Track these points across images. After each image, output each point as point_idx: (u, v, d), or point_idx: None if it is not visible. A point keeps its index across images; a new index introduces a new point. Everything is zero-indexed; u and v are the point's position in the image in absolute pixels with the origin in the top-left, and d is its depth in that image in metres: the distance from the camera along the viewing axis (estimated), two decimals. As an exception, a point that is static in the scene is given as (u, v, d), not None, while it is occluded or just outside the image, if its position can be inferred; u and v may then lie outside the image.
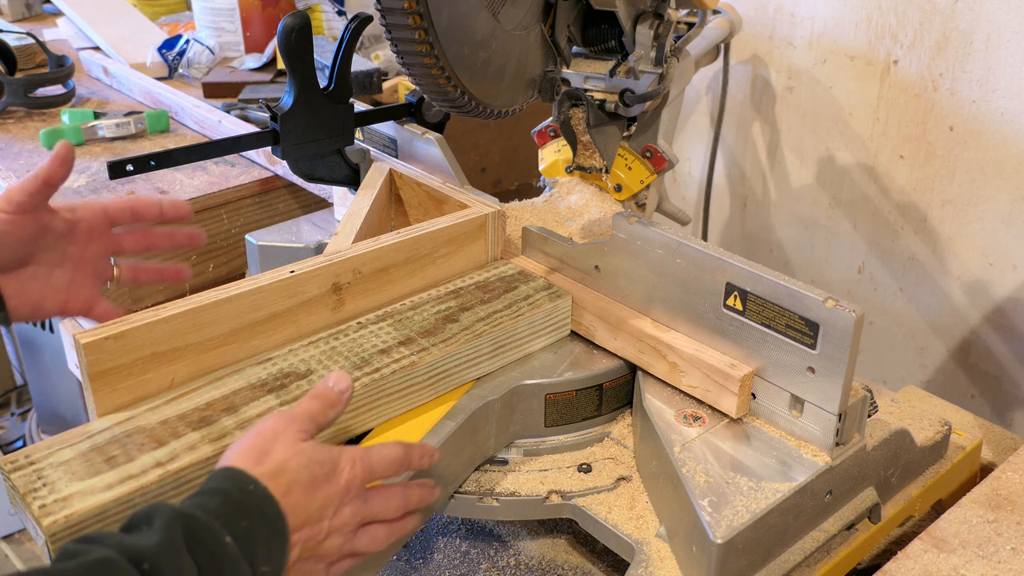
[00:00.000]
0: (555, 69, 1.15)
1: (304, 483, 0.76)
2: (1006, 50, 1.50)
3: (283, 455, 0.76)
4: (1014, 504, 0.98)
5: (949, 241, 1.68)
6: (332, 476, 0.78)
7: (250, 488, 0.72)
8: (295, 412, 0.81)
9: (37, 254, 1.00)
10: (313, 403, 0.82)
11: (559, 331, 1.11)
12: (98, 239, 1.04)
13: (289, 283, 1.00)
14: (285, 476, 0.75)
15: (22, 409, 2.78)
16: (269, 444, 0.77)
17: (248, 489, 0.72)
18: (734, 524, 0.84)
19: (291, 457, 0.76)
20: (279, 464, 0.75)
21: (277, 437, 0.77)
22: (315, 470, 0.77)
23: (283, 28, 1.15)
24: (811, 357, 0.90)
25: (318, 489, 0.77)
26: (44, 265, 1.00)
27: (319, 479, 0.77)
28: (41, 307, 1.00)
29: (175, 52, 2.24)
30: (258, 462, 0.75)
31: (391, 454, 0.83)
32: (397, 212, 1.33)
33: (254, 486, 0.73)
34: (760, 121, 1.96)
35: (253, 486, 0.73)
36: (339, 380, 0.85)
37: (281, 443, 0.77)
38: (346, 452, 0.80)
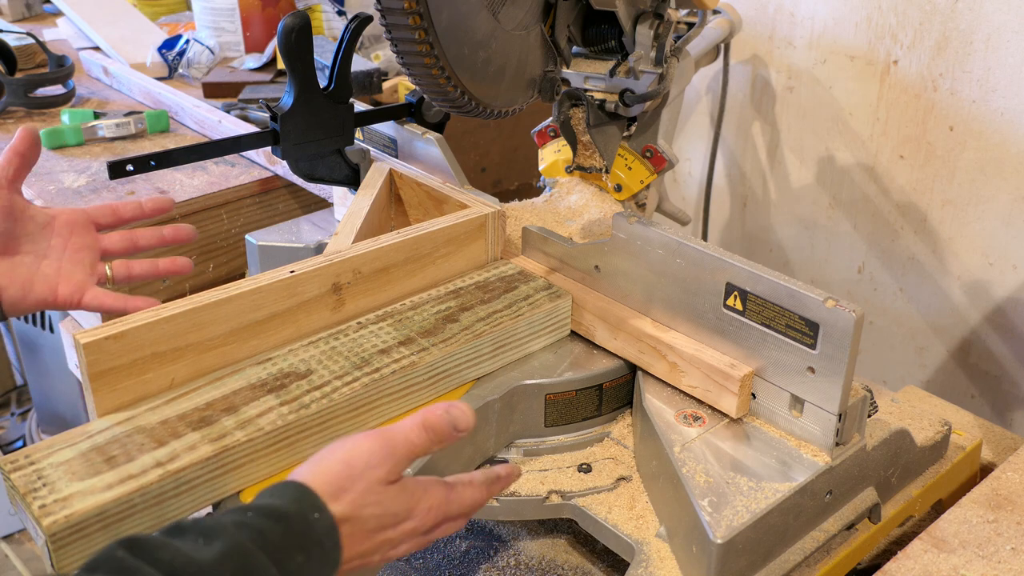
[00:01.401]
0: (555, 69, 1.15)
1: (369, 530, 0.74)
2: (1006, 50, 1.50)
3: (362, 500, 0.73)
4: (1014, 504, 0.98)
5: (949, 241, 1.68)
6: (401, 523, 0.76)
7: (315, 517, 0.70)
8: (396, 442, 0.76)
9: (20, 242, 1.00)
10: (422, 435, 0.77)
11: (559, 331, 1.11)
12: (80, 233, 1.05)
13: (289, 283, 1.00)
14: (353, 523, 0.73)
15: (22, 409, 2.78)
16: (354, 482, 0.73)
17: (313, 518, 0.70)
18: (734, 524, 0.84)
19: (369, 504, 0.73)
20: (353, 509, 0.73)
21: (364, 475, 0.74)
22: (386, 520, 0.75)
23: (283, 28, 1.15)
24: (811, 357, 0.90)
25: (381, 534, 0.75)
26: (31, 255, 1.01)
27: (386, 526, 0.75)
28: (30, 292, 1.00)
29: (175, 52, 2.24)
30: (335, 497, 0.72)
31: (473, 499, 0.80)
32: (397, 212, 1.33)
33: (320, 515, 0.71)
34: (760, 121, 1.96)
35: (319, 514, 0.71)
36: (464, 418, 0.78)
37: (365, 484, 0.73)
38: (426, 499, 0.77)
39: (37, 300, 1.01)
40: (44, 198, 1.61)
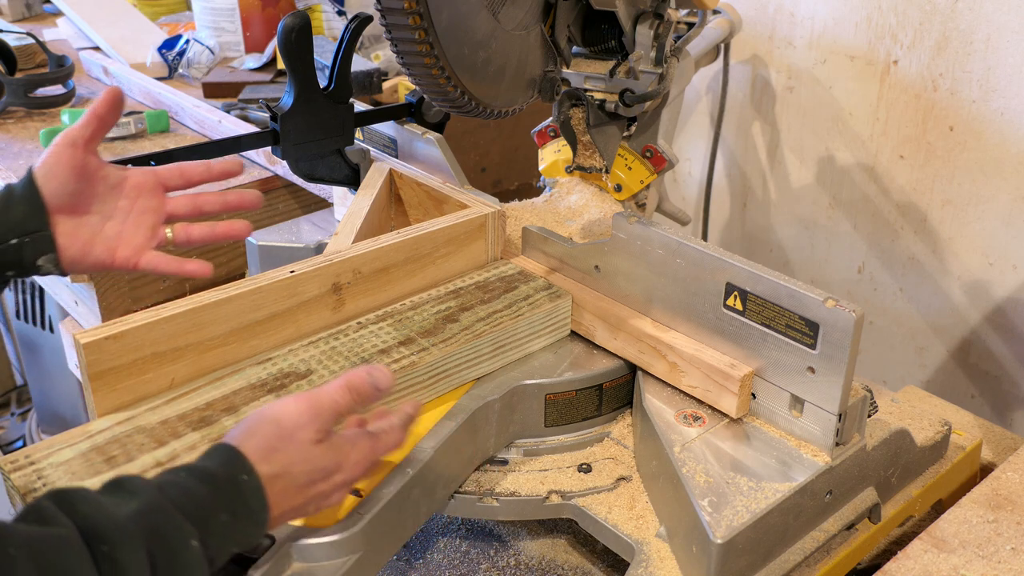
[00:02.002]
0: (555, 69, 1.15)
1: (300, 485, 0.77)
2: (1006, 50, 1.50)
3: (291, 459, 0.76)
4: (1014, 504, 0.98)
5: (949, 241, 1.68)
6: (331, 476, 0.80)
7: (244, 479, 0.73)
8: (322, 403, 0.80)
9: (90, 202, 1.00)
10: (345, 397, 0.81)
11: (559, 331, 1.11)
12: (148, 195, 1.04)
13: (289, 283, 1.00)
14: (284, 480, 0.76)
15: (22, 409, 2.78)
16: (283, 442, 0.77)
17: (241, 479, 0.73)
18: (734, 524, 0.84)
19: (298, 463, 0.77)
20: (283, 467, 0.76)
21: (293, 436, 0.77)
22: (316, 476, 0.78)
23: (283, 28, 1.15)
24: (811, 357, 0.90)
25: (312, 488, 0.79)
26: (96, 215, 1.00)
27: (317, 481, 0.79)
28: (90, 253, 1.00)
29: (175, 52, 2.24)
30: (265, 458, 0.75)
31: (396, 442, 0.85)
32: (397, 212, 1.33)
33: (248, 477, 0.74)
34: (760, 121, 1.96)
35: (247, 476, 0.73)
36: (381, 377, 0.83)
37: (294, 444, 0.77)
38: (354, 452, 0.81)
39: (95, 261, 1.00)
40: (44, 198, 1.61)
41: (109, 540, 0.65)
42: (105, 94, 0.99)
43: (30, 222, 0.95)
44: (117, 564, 0.64)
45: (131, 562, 0.65)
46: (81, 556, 0.63)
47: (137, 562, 0.65)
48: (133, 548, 0.65)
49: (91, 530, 0.65)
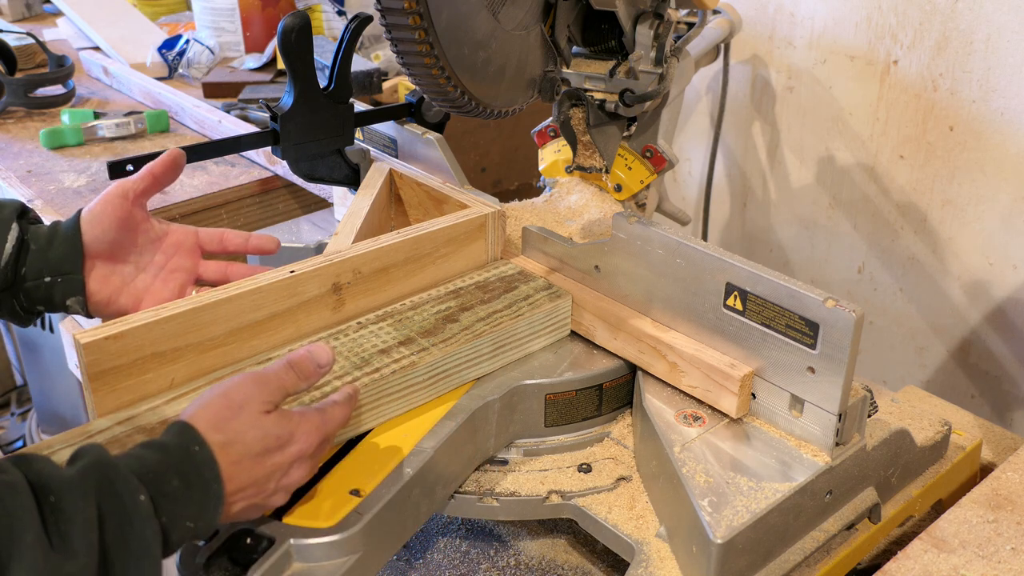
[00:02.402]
0: (555, 69, 1.15)
1: (255, 454, 0.79)
2: (1006, 50, 1.50)
3: (242, 427, 0.79)
4: (1014, 504, 0.98)
5: (949, 241, 1.68)
6: (286, 446, 0.81)
7: (195, 449, 0.75)
8: (268, 378, 0.83)
9: (128, 252, 1.05)
10: (289, 374, 0.84)
11: (559, 331, 1.11)
12: (184, 255, 1.09)
13: (289, 283, 1.00)
14: (237, 447, 0.78)
15: (22, 409, 2.78)
16: (233, 413, 0.79)
17: (193, 450, 0.75)
18: (734, 524, 0.84)
19: (249, 430, 0.79)
20: (235, 435, 0.78)
21: (243, 407, 0.80)
22: (270, 443, 0.80)
23: (283, 28, 1.15)
24: (811, 357, 0.90)
25: (269, 458, 0.80)
26: (131, 265, 1.05)
27: (272, 450, 0.80)
28: (116, 301, 1.04)
29: (175, 52, 2.24)
30: (217, 428, 0.77)
31: (343, 416, 0.89)
32: (397, 212, 1.33)
33: (200, 448, 0.75)
34: (760, 121, 1.96)
35: (199, 447, 0.75)
36: (321, 354, 0.86)
37: (245, 414, 0.79)
38: (304, 422, 0.83)
39: (119, 309, 1.04)
40: (44, 198, 1.61)
41: (56, 491, 0.66)
42: (167, 155, 1.05)
43: (66, 264, 1.01)
44: (63, 514, 0.66)
45: (77, 511, 0.66)
46: (24, 501, 0.65)
47: (83, 512, 0.67)
48: (80, 498, 0.67)
49: (40, 483, 0.67)
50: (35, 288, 1.01)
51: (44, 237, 1.02)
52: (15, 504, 0.64)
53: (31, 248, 1.01)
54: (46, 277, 1.01)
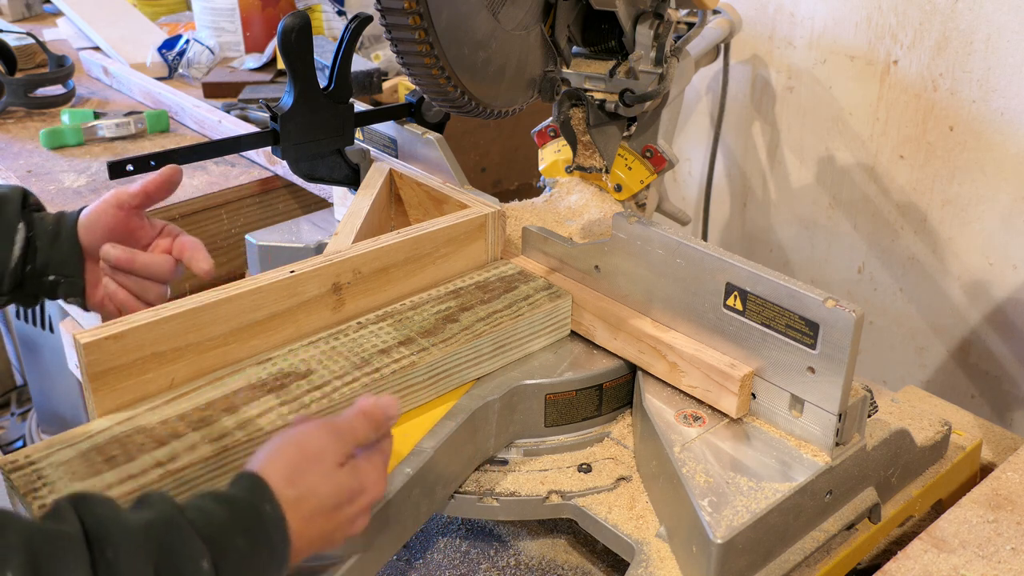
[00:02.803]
0: (555, 69, 1.15)
1: (328, 509, 0.76)
2: (1006, 50, 1.50)
3: (316, 482, 0.76)
4: (1014, 504, 0.98)
5: (949, 241, 1.68)
6: (357, 498, 0.79)
7: (266, 508, 0.72)
8: (342, 429, 0.80)
9: None
10: (362, 424, 0.81)
11: (559, 331, 1.11)
12: None
13: (289, 283, 1.00)
14: (311, 502, 0.75)
15: (22, 409, 2.78)
16: (308, 465, 0.76)
17: (263, 509, 0.72)
18: (734, 524, 0.84)
19: (323, 484, 0.76)
20: (309, 490, 0.75)
21: (318, 460, 0.77)
22: (343, 497, 0.77)
23: (283, 28, 1.14)
24: (811, 357, 0.90)
25: (340, 512, 0.77)
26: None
27: (343, 504, 0.78)
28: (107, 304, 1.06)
29: (175, 52, 2.24)
30: (291, 482, 0.75)
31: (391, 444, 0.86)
32: (397, 212, 1.33)
33: (271, 507, 0.72)
34: (760, 121, 1.96)
35: (270, 507, 0.72)
36: (390, 406, 0.83)
37: (319, 467, 0.76)
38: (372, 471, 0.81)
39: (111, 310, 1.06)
40: (44, 198, 1.61)
41: (114, 544, 0.64)
42: (162, 172, 1.06)
43: (68, 266, 1.04)
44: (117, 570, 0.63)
45: (131, 570, 0.64)
46: (77, 555, 0.62)
47: (138, 572, 0.64)
48: (137, 557, 0.64)
49: (98, 533, 0.64)
50: (39, 284, 1.04)
51: (49, 233, 1.03)
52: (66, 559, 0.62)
53: (37, 246, 1.02)
54: (50, 275, 1.03)
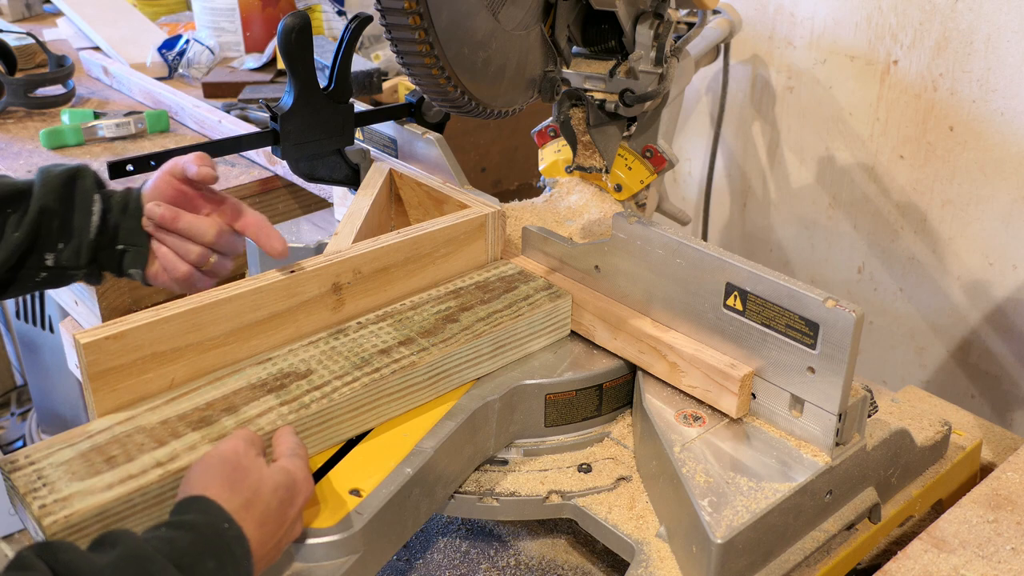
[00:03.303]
0: (555, 69, 1.15)
1: (274, 511, 0.78)
2: (1006, 50, 1.50)
3: (255, 483, 0.78)
4: (1014, 504, 0.98)
5: (949, 241, 1.68)
6: (294, 498, 0.81)
7: (224, 527, 0.73)
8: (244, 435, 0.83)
9: None
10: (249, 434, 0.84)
11: (559, 331, 1.11)
12: None
13: (289, 283, 1.00)
14: (258, 506, 0.77)
15: (22, 409, 2.78)
16: (241, 473, 0.78)
17: (222, 528, 0.73)
18: (734, 524, 0.84)
19: (262, 484, 0.78)
20: (253, 492, 0.77)
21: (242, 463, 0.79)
22: (281, 494, 0.80)
23: (283, 28, 1.14)
24: (811, 357, 0.90)
25: (285, 514, 0.80)
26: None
27: (285, 503, 0.80)
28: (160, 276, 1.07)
29: (175, 52, 2.24)
30: (234, 490, 0.76)
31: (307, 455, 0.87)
32: (397, 212, 1.33)
33: (229, 525, 0.74)
34: (760, 121, 1.96)
35: (228, 525, 0.74)
36: None
37: (252, 472, 0.79)
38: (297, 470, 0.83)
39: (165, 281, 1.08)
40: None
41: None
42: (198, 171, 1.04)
43: (136, 235, 1.05)
44: None
45: None
46: None
47: None
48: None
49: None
50: (109, 256, 1.06)
51: (119, 204, 1.05)
52: None
53: (108, 217, 1.05)
54: (119, 245, 1.05)
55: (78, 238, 1.03)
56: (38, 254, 1.03)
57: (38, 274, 1.04)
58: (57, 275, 1.04)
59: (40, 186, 1.03)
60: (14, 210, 1.02)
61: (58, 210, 1.03)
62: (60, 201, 1.03)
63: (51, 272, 1.04)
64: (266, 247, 1.04)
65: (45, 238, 1.02)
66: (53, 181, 1.03)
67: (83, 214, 1.03)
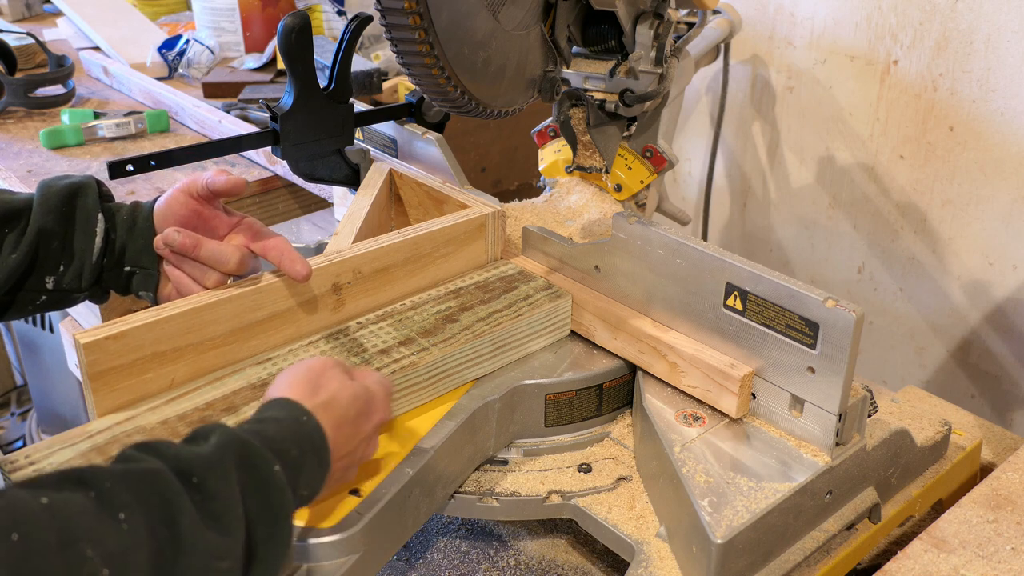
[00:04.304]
0: (555, 69, 1.15)
1: (351, 419, 0.82)
2: (1006, 50, 1.50)
3: (334, 388, 0.82)
4: (1014, 504, 0.98)
5: (949, 241, 1.68)
6: (371, 413, 0.85)
7: (304, 419, 0.77)
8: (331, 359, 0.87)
9: None
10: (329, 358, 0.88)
11: (559, 331, 1.10)
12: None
13: (289, 283, 1.00)
14: (335, 410, 0.81)
15: (22, 409, 2.78)
16: (320, 378, 0.83)
17: (302, 420, 0.77)
18: (734, 524, 0.84)
19: (340, 390, 0.82)
20: (331, 396, 0.81)
21: (325, 372, 0.84)
22: (360, 406, 0.84)
23: (283, 28, 1.14)
24: (811, 357, 0.90)
25: (361, 425, 0.84)
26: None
27: (362, 415, 0.84)
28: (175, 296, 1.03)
29: (175, 52, 2.24)
30: (312, 393, 0.81)
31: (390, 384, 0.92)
32: (397, 212, 1.33)
33: (307, 418, 0.78)
34: (760, 121, 1.96)
35: (307, 417, 0.78)
36: None
37: (331, 377, 0.83)
38: (378, 391, 0.87)
39: None
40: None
41: (198, 472, 0.67)
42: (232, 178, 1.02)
43: (143, 258, 1.02)
44: (209, 493, 0.66)
45: (221, 489, 0.67)
46: (173, 485, 0.65)
47: (228, 488, 0.67)
48: (222, 476, 0.68)
49: (178, 466, 0.67)
50: (115, 277, 1.03)
51: (126, 223, 1.02)
52: (165, 489, 0.64)
53: (112, 239, 1.01)
54: (126, 267, 1.02)
55: (80, 260, 0.99)
56: (37, 276, 0.98)
57: (38, 297, 0.99)
58: (58, 298, 1.01)
59: (39, 205, 0.98)
60: (11, 229, 0.97)
61: (58, 231, 0.98)
62: (60, 222, 0.98)
63: (51, 295, 1.00)
64: (289, 272, 0.99)
65: (44, 260, 0.98)
66: (52, 199, 0.98)
67: (85, 235, 0.99)
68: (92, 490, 0.61)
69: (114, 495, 0.61)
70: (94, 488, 0.61)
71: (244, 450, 0.71)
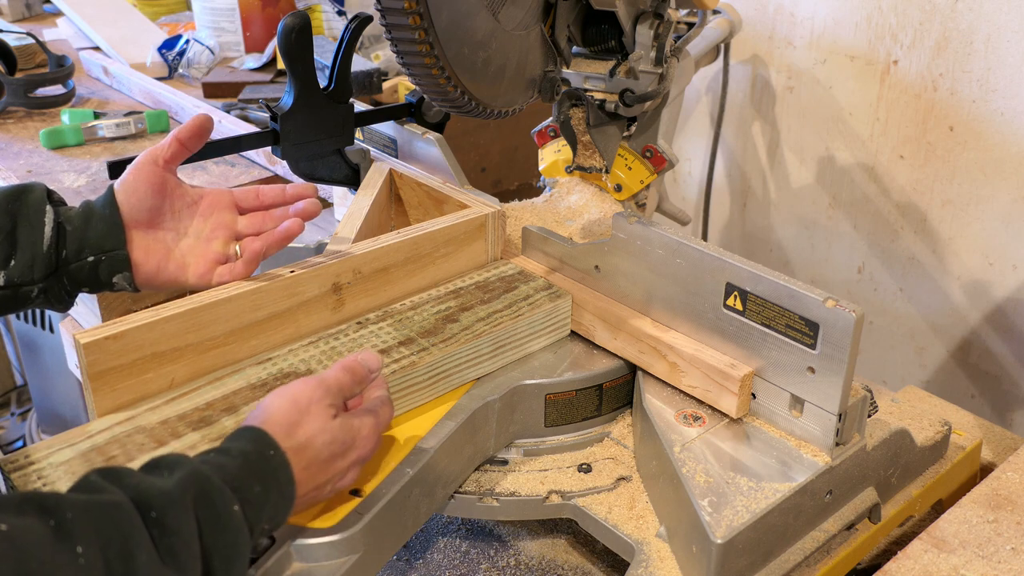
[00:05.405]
0: (555, 69, 1.15)
1: (323, 460, 0.82)
2: (1006, 50, 1.50)
3: (312, 431, 0.81)
4: (1014, 504, 0.98)
5: (949, 241, 1.68)
6: (348, 452, 0.84)
7: (271, 454, 0.77)
8: (328, 382, 0.85)
9: (166, 219, 1.03)
10: (344, 376, 0.87)
11: (559, 331, 1.11)
12: (222, 214, 1.06)
13: (289, 283, 1.00)
14: (308, 452, 0.81)
15: (22, 409, 2.78)
16: (302, 416, 0.82)
17: (269, 454, 0.77)
18: (734, 524, 0.84)
19: (318, 434, 0.82)
20: (307, 439, 0.81)
21: (310, 409, 0.82)
22: (335, 448, 0.83)
23: (283, 28, 1.14)
24: (811, 357, 0.90)
25: (334, 463, 0.83)
26: (171, 232, 1.03)
27: (336, 456, 0.83)
28: (164, 270, 1.02)
29: (175, 52, 2.24)
30: (289, 434, 0.80)
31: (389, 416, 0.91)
32: (397, 212, 1.33)
33: (275, 452, 0.78)
34: (760, 121, 1.96)
35: (274, 452, 0.78)
36: (370, 360, 0.90)
37: (313, 417, 0.82)
38: (363, 427, 0.86)
39: (168, 278, 1.03)
40: (44, 198, 1.61)
41: (157, 507, 0.67)
42: (192, 120, 1.03)
43: (107, 241, 0.98)
44: (167, 529, 0.67)
45: (180, 526, 0.68)
46: (134, 520, 0.65)
47: (186, 525, 0.68)
48: (181, 512, 0.68)
49: (139, 498, 0.67)
50: (79, 270, 0.98)
51: (79, 217, 0.99)
52: (125, 524, 0.65)
53: (67, 230, 0.98)
54: (88, 257, 0.98)
55: (30, 251, 0.95)
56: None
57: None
58: (12, 294, 0.96)
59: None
60: None
61: (4, 226, 0.95)
62: (4, 218, 0.95)
63: (4, 292, 0.96)
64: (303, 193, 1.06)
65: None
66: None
67: (32, 227, 0.96)
68: (53, 518, 0.61)
69: (74, 526, 0.62)
70: (55, 517, 0.62)
71: (204, 487, 0.71)
